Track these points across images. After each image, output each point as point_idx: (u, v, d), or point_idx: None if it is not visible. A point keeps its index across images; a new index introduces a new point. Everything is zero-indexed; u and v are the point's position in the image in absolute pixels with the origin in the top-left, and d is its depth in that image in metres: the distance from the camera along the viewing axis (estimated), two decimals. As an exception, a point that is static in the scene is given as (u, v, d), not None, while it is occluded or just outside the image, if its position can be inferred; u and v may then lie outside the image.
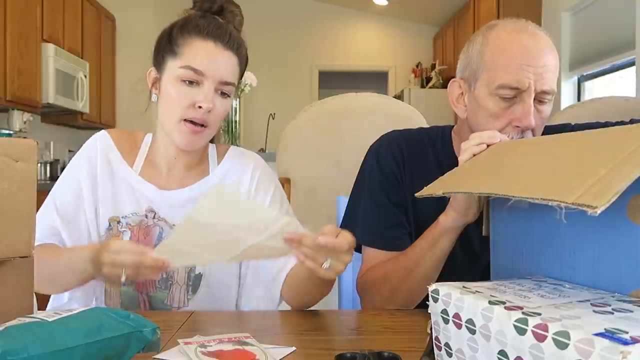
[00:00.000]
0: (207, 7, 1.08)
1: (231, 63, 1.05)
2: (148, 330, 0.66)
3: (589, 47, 3.83)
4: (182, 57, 1.03)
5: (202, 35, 1.03)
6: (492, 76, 0.98)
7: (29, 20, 3.73)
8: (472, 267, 1.07)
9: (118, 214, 1.08)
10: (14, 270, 0.68)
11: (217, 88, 1.03)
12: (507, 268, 0.76)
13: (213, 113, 1.03)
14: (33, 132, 4.15)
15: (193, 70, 1.01)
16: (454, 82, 1.08)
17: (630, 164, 0.51)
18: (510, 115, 0.98)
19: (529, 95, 0.96)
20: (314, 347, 0.80)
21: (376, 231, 1.10)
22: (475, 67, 1.01)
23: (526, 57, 0.95)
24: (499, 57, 0.97)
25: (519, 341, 0.47)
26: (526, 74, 0.95)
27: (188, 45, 1.03)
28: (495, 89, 0.97)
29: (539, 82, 0.95)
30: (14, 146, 0.67)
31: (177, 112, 1.03)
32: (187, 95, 1.02)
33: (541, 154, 0.71)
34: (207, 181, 1.12)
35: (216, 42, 1.03)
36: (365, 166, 1.16)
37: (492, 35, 1.00)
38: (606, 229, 0.60)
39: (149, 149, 1.14)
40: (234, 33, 1.06)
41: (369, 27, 7.17)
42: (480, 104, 1.00)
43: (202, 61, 1.02)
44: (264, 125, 3.93)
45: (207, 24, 1.04)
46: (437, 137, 1.15)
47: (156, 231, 1.07)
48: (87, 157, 1.11)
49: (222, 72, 1.03)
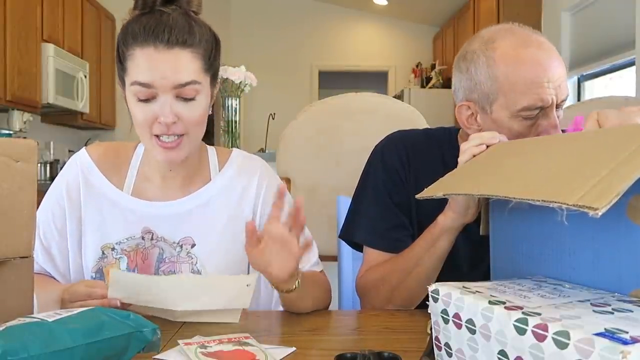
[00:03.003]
0: (150, 2, 0.93)
1: (182, 60, 0.91)
2: (148, 330, 0.65)
3: (589, 47, 3.83)
4: (129, 73, 0.92)
5: (138, 42, 0.90)
6: (512, 99, 0.95)
7: (29, 20, 3.73)
8: (472, 267, 1.06)
9: (110, 240, 1.01)
10: (14, 270, 0.68)
11: (176, 94, 0.92)
12: (507, 268, 0.76)
13: (182, 121, 0.93)
14: (33, 132, 4.15)
15: (140, 85, 0.91)
16: (461, 106, 1.04)
17: (630, 165, 0.51)
18: (536, 131, 0.97)
19: (552, 110, 0.95)
20: (314, 347, 0.80)
21: (378, 232, 1.09)
22: (488, 90, 0.98)
23: (543, 73, 0.93)
24: (515, 79, 0.94)
25: (519, 341, 0.47)
26: (547, 91, 0.94)
27: (130, 58, 0.92)
28: (518, 111, 0.95)
29: (559, 94, 0.95)
30: (14, 146, 0.67)
31: (145, 131, 0.94)
32: (146, 113, 0.92)
33: (541, 155, 0.71)
34: (208, 189, 1.05)
35: (155, 45, 0.90)
36: (369, 166, 1.16)
37: (497, 54, 0.96)
38: (606, 229, 0.60)
39: (141, 161, 1.06)
40: (179, 23, 0.91)
41: (369, 27, 7.18)
42: (502, 126, 0.98)
43: (146, 73, 0.90)
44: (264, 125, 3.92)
45: (141, 27, 0.91)
46: (443, 138, 1.14)
47: (155, 253, 1.01)
48: (66, 184, 1.04)
49: (172, 77, 0.90)
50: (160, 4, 0.93)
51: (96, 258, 1.01)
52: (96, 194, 1.04)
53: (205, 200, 1.05)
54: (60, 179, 1.06)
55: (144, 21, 0.91)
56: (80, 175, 1.04)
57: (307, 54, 7.11)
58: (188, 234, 1.02)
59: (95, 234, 1.02)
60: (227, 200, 1.06)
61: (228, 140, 2.98)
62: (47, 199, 1.05)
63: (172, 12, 0.93)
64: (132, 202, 1.03)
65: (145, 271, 1.01)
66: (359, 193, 1.16)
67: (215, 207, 1.05)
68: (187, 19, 0.93)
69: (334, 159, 1.77)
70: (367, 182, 1.14)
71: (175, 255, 1.01)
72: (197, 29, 0.93)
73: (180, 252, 1.02)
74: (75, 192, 1.04)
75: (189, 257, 1.01)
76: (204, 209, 1.04)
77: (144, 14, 0.93)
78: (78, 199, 1.04)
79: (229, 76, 2.82)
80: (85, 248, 1.02)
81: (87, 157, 1.06)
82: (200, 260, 1.01)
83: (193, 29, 0.93)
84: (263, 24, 6.93)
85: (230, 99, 2.95)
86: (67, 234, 1.03)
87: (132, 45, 0.91)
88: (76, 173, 1.05)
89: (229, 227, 1.04)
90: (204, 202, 1.04)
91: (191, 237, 1.02)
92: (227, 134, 2.99)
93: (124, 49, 0.93)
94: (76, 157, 1.07)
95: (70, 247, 1.03)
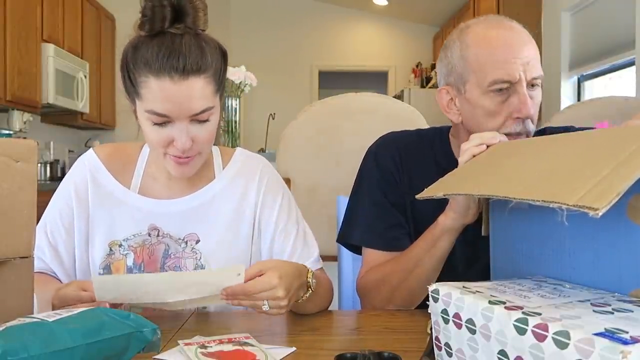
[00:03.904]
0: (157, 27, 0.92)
1: (197, 89, 0.92)
2: (148, 330, 0.66)
3: (589, 47, 3.83)
4: (144, 100, 0.92)
5: (153, 72, 0.90)
6: (481, 76, 0.99)
7: (29, 20, 3.73)
8: (472, 267, 1.07)
9: (118, 237, 1.03)
10: (14, 270, 0.68)
11: (192, 119, 0.94)
12: (507, 268, 0.76)
13: (197, 142, 0.95)
14: (33, 132, 4.15)
15: (157, 115, 0.92)
16: (441, 90, 1.08)
17: (630, 165, 0.51)
18: (508, 109, 0.99)
19: (521, 86, 0.97)
20: (314, 347, 0.80)
21: (376, 232, 1.10)
22: (461, 70, 1.02)
23: (510, 50, 0.97)
24: (483, 56, 0.99)
25: (519, 341, 0.47)
26: (515, 66, 0.97)
27: (144, 86, 0.91)
28: (487, 86, 0.98)
29: (528, 71, 0.97)
30: (14, 146, 0.67)
31: (159, 150, 0.97)
32: (161, 135, 0.94)
33: (541, 155, 0.71)
34: (212, 187, 1.08)
35: (171, 76, 0.89)
36: (363, 167, 1.16)
37: (469, 37, 1.02)
38: (606, 229, 0.60)
39: (148, 161, 1.08)
40: (192, 49, 0.91)
41: (369, 27, 7.18)
42: (475, 105, 1.01)
43: (163, 104, 0.91)
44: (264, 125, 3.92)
45: (154, 54, 0.90)
46: (434, 138, 1.15)
47: (161, 249, 1.03)
48: (74, 183, 1.06)
49: (188, 107, 0.91)
50: (168, 26, 0.92)
51: (104, 255, 1.03)
52: (104, 193, 1.06)
53: (210, 198, 1.07)
54: (69, 178, 1.08)
55: (156, 47, 0.90)
56: (88, 175, 1.07)
57: (307, 54, 7.11)
58: (193, 231, 1.05)
59: (103, 232, 1.04)
60: (230, 198, 1.08)
61: (228, 140, 2.98)
62: (56, 198, 1.07)
63: (183, 35, 0.92)
64: (139, 200, 1.05)
65: (152, 266, 1.03)
66: (354, 196, 1.16)
67: (218, 205, 1.07)
68: (197, 42, 0.93)
69: (334, 159, 1.77)
70: (362, 184, 1.15)
71: (180, 251, 1.04)
72: (208, 50, 0.93)
73: (185, 248, 1.04)
74: (83, 191, 1.06)
75: (194, 252, 1.04)
76: (208, 206, 1.06)
77: (153, 36, 0.92)
78: (86, 198, 1.06)
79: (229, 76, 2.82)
80: (92, 245, 1.04)
81: (95, 157, 1.08)
82: (204, 256, 1.03)
83: (205, 52, 0.92)
84: (263, 24, 6.93)
85: (230, 99, 2.95)
86: (75, 232, 1.05)
87: (145, 72, 0.91)
88: (84, 173, 1.07)
89: (232, 224, 1.07)
90: (208, 199, 1.07)
91: (196, 234, 1.05)
92: (227, 134, 2.99)
93: (135, 73, 0.92)
94: (84, 157, 1.10)
95: (77, 244, 1.05)
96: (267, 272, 0.83)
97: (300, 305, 0.92)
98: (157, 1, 0.91)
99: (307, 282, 0.91)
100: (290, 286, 0.84)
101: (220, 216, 1.06)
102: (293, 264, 0.92)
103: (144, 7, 0.92)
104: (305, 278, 0.91)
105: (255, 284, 0.82)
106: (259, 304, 0.82)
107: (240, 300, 0.83)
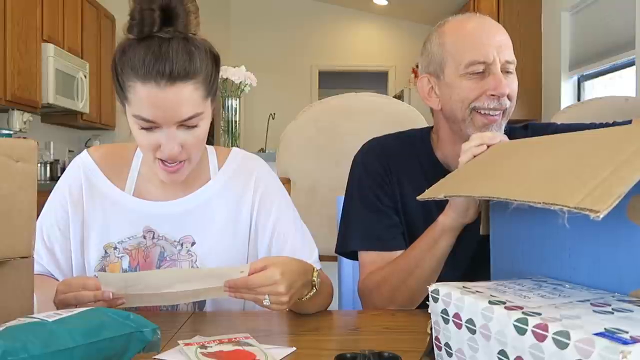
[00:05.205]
0: (147, 30, 0.89)
1: (185, 95, 0.89)
2: (148, 330, 0.65)
3: (589, 47, 3.83)
4: (131, 105, 0.91)
5: (139, 77, 0.88)
6: (458, 60, 1.04)
7: (29, 20, 3.73)
8: (471, 267, 1.07)
9: (113, 239, 1.02)
10: (14, 270, 0.68)
11: (180, 125, 0.92)
12: (507, 268, 0.76)
13: (185, 148, 0.94)
14: (33, 132, 4.15)
15: (144, 120, 0.91)
16: (422, 78, 1.13)
17: (630, 166, 0.51)
18: (484, 88, 1.03)
19: (495, 67, 1.02)
20: (314, 347, 0.80)
21: (373, 234, 1.10)
22: (439, 58, 1.07)
23: (484, 35, 1.04)
24: (459, 42, 1.05)
25: (519, 341, 0.47)
26: (488, 49, 1.02)
27: (131, 91, 0.90)
28: (464, 68, 1.03)
29: (501, 53, 1.03)
30: (14, 146, 0.67)
31: (148, 154, 0.96)
32: (149, 140, 0.93)
33: (542, 155, 0.71)
34: (207, 188, 1.06)
35: (157, 82, 0.87)
36: (352, 175, 1.17)
37: (445, 28, 1.09)
38: (606, 229, 0.60)
39: (142, 163, 1.07)
40: (180, 54, 0.89)
41: (369, 27, 7.17)
42: (453, 87, 1.05)
43: (150, 110, 0.90)
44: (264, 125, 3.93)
45: (141, 59, 0.88)
46: (415, 140, 1.17)
47: (156, 251, 1.02)
48: (68, 186, 1.06)
49: (175, 114, 0.90)
50: (157, 30, 0.89)
51: (99, 257, 1.02)
52: (98, 195, 1.05)
53: (205, 199, 1.06)
54: (63, 181, 1.07)
55: (143, 52, 0.88)
56: (83, 177, 1.06)
57: (307, 54, 7.11)
58: (188, 233, 1.03)
59: (98, 234, 1.03)
60: (226, 200, 1.07)
61: (228, 140, 2.98)
62: (51, 201, 1.07)
63: (171, 40, 0.89)
64: (134, 202, 1.04)
65: (147, 269, 1.02)
66: (347, 206, 1.16)
67: (214, 206, 1.06)
68: (186, 46, 0.90)
69: (334, 159, 1.77)
70: (353, 193, 1.15)
71: (176, 253, 1.03)
72: (197, 54, 0.91)
73: (180, 251, 1.03)
74: (77, 193, 1.05)
75: (189, 255, 1.03)
76: (203, 208, 1.05)
77: (141, 40, 0.90)
78: (81, 200, 1.05)
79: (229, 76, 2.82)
80: (88, 248, 1.03)
81: (89, 158, 1.07)
82: (199, 258, 1.02)
83: (194, 57, 0.90)
84: (263, 24, 6.93)
85: (230, 99, 2.95)
86: (70, 234, 1.04)
87: (132, 77, 0.89)
88: (78, 175, 1.06)
89: (228, 226, 1.05)
90: (203, 201, 1.06)
91: (191, 236, 1.03)
92: (227, 134, 2.99)
93: (123, 77, 0.91)
94: (78, 159, 1.09)
95: (73, 247, 1.04)
96: (270, 267, 0.83)
97: (301, 304, 0.92)
98: (147, 4, 0.88)
99: (312, 281, 0.91)
100: (293, 283, 0.84)
101: (216, 218, 1.05)
102: (300, 261, 0.91)
103: (132, 10, 0.89)
104: (310, 277, 0.91)
105: (257, 278, 0.82)
106: (260, 298, 0.83)
107: (242, 293, 0.83)
